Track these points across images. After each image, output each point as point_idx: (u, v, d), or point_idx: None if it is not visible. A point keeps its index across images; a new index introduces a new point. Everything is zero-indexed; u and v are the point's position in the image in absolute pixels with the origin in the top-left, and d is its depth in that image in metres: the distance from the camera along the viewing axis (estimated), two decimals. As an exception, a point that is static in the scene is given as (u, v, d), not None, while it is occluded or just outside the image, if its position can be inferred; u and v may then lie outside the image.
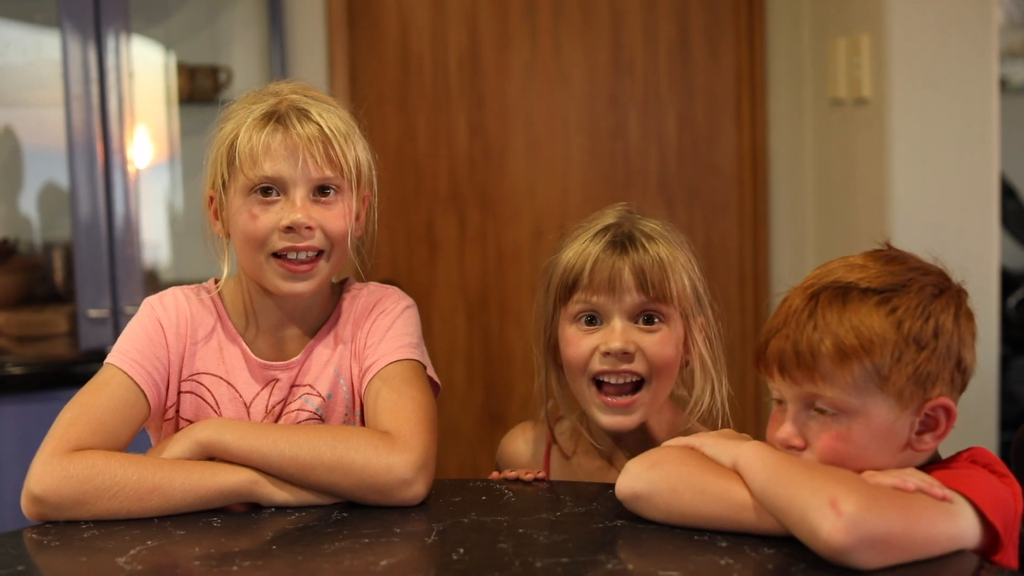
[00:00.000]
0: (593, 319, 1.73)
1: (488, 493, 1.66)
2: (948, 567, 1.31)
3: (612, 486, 1.64)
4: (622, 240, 1.73)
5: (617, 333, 1.71)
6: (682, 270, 1.74)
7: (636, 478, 1.48)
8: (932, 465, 1.45)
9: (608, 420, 1.73)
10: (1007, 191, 4.00)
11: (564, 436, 1.85)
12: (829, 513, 1.28)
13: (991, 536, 1.36)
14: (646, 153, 3.70)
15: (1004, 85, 4.12)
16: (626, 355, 1.70)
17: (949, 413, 1.42)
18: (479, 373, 3.70)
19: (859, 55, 3.22)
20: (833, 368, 1.39)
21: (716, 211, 3.74)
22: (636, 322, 1.72)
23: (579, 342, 1.73)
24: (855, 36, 3.25)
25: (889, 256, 1.49)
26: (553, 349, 1.79)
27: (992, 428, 3.15)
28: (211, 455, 1.61)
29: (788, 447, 1.44)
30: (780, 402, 1.47)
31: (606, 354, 1.71)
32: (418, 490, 1.58)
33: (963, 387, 1.46)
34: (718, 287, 3.79)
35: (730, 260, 3.75)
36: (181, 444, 1.61)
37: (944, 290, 1.44)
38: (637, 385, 1.73)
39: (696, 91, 3.71)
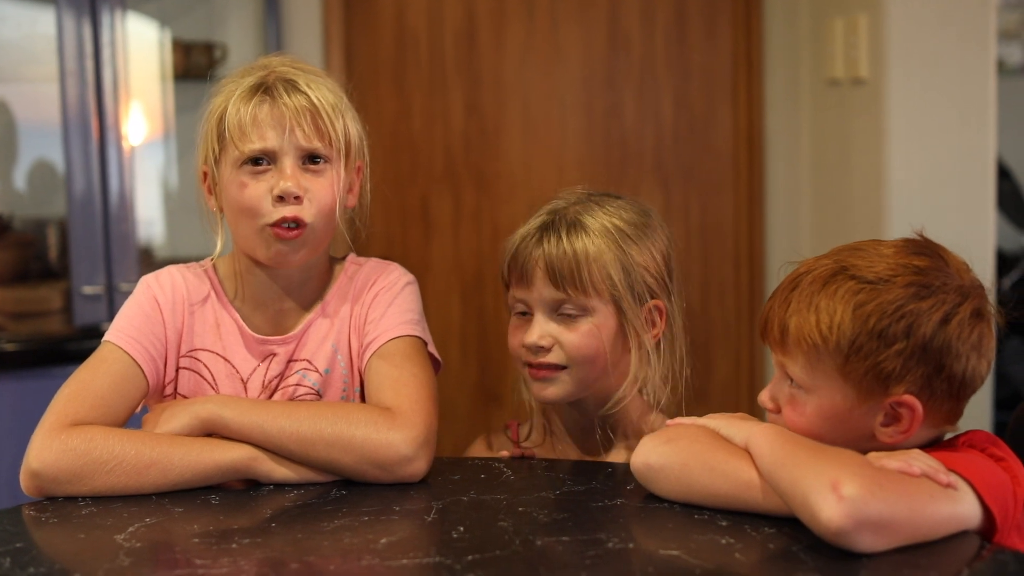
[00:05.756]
0: (525, 311, 1.76)
1: (487, 471, 1.66)
2: (950, 549, 1.32)
3: (611, 465, 1.66)
4: (544, 230, 1.74)
5: (534, 328, 1.73)
6: (612, 264, 1.71)
7: (651, 451, 1.50)
8: (930, 447, 1.45)
9: (536, 391, 1.76)
10: (1003, 172, 4.01)
11: (533, 437, 1.86)
12: (830, 496, 1.27)
13: (990, 519, 1.36)
14: (642, 133, 3.69)
15: (1000, 66, 4.12)
16: (541, 349, 1.73)
17: (913, 412, 1.42)
18: (473, 352, 3.69)
19: (856, 35, 3.21)
20: (793, 346, 1.45)
21: (712, 191, 3.74)
22: (558, 313, 1.73)
23: (515, 332, 1.77)
24: (852, 16, 3.24)
25: (911, 248, 1.47)
26: None
27: (986, 408, 3.16)
28: (211, 431, 1.61)
29: (765, 408, 1.52)
30: None
31: (524, 346, 1.74)
32: (419, 466, 1.58)
33: (955, 395, 1.44)
34: (713, 268, 3.79)
35: (725, 241, 3.74)
36: (180, 419, 1.61)
37: (935, 293, 1.41)
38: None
39: (692, 71, 3.70)
